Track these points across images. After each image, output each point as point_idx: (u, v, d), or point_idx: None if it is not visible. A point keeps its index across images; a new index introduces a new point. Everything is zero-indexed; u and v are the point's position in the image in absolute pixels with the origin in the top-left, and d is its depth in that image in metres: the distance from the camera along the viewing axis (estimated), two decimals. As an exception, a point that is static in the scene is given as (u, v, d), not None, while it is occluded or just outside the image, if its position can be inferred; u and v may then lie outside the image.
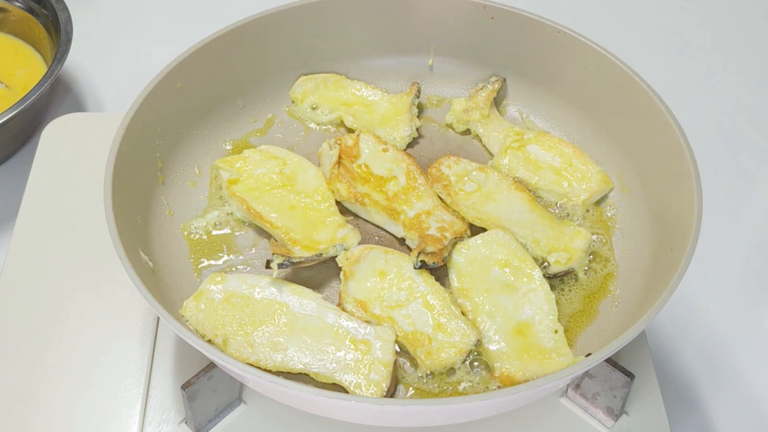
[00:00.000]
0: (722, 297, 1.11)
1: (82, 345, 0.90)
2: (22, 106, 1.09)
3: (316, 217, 0.94)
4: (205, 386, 0.80)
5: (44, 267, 0.97)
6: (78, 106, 1.31)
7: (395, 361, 0.82)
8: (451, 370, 0.84)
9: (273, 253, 0.87)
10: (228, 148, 1.04)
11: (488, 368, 0.84)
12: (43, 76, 1.13)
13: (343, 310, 0.86)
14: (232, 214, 0.97)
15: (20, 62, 1.26)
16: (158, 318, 0.92)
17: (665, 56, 1.45)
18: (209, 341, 0.83)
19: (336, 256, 0.90)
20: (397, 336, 0.84)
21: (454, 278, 0.90)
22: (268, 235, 0.95)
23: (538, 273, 0.89)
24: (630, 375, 0.81)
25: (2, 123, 1.08)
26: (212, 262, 0.93)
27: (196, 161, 1.00)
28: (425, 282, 0.88)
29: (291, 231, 0.92)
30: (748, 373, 1.04)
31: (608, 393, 0.83)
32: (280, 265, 0.86)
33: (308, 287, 0.88)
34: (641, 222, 0.95)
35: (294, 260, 0.87)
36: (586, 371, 0.80)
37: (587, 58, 1.01)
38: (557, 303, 0.88)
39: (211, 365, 0.79)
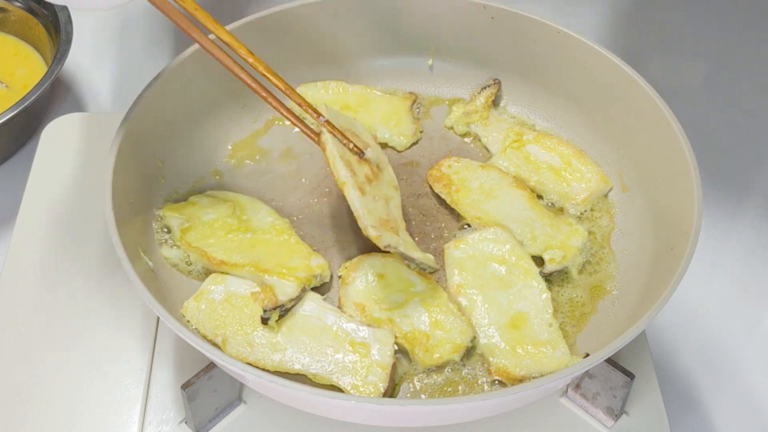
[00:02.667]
0: (722, 297, 1.11)
1: (82, 345, 0.90)
2: (22, 106, 1.09)
3: (281, 248, 0.90)
4: (205, 386, 0.79)
5: (44, 267, 0.97)
6: (78, 106, 1.30)
7: (393, 364, 0.82)
8: (448, 366, 0.84)
9: (264, 310, 0.83)
10: (228, 148, 1.04)
11: (484, 363, 0.84)
12: (43, 76, 1.13)
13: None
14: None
15: (20, 62, 1.26)
16: (158, 318, 0.92)
17: (665, 56, 1.45)
18: (209, 341, 0.83)
19: (319, 285, 0.89)
20: (396, 337, 0.84)
21: (451, 275, 0.90)
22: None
23: (534, 270, 0.89)
24: (630, 375, 0.81)
25: (2, 123, 1.08)
26: (212, 262, 0.93)
27: (197, 162, 1.00)
28: (423, 282, 0.88)
29: (260, 263, 0.88)
30: (748, 374, 1.04)
31: (608, 393, 0.83)
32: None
33: (308, 287, 0.88)
34: (641, 222, 0.95)
35: (287, 306, 0.84)
36: (586, 371, 0.79)
37: (587, 58, 1.01)
38: (555, 302, 0.89)
39: (211, 365, 0.79)
